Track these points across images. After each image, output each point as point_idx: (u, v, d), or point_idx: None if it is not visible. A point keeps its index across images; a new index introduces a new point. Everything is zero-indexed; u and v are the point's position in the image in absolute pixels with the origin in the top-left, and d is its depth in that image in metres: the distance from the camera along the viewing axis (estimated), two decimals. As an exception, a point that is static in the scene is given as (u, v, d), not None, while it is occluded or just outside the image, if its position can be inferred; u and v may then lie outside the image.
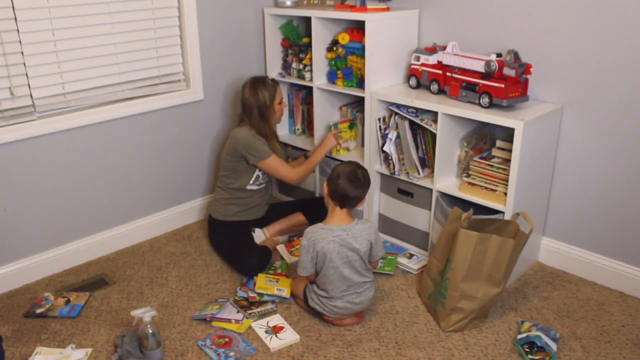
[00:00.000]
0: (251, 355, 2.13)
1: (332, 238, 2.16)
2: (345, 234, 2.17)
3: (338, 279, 2.19)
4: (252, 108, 2.71)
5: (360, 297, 2.24)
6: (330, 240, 2.16)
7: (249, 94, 2.71)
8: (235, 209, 2.81)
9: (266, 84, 2.72)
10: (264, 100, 2.70)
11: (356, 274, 2.21)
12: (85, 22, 2.57)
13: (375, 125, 2.78)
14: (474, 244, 2.12)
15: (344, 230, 2.18)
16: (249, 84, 2.74)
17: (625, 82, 2.30)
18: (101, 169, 2.80)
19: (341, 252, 2.16)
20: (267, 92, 2.70)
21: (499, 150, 2.48)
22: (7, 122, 2.44)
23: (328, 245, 2.15)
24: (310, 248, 2.19)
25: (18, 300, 2.52)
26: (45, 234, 2.69)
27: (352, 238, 2.17)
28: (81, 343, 2.22)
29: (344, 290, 2.21)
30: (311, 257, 2.19)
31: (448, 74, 2.59)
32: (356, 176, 2.18)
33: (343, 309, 2.23)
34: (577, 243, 2.62)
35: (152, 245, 3.01)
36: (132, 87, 2.82)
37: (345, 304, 2.22)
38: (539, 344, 2.08)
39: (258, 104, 2.70)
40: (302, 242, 2.22)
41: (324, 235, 2.17)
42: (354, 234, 2.18)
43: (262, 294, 2.45)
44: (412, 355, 2.12)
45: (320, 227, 2.20)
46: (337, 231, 2.17)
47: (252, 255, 2.63)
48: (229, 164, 2.77)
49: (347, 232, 2.18)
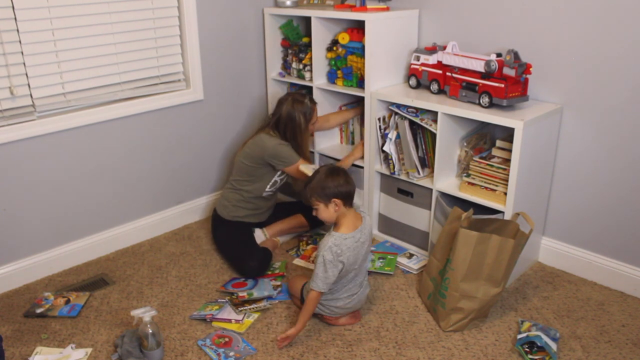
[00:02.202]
0: (251, 355, 2.13)
1: (356, 244, 2.15)
2: (360, 234, 2.18)
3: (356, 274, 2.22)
4: (286, 126, 2.70)
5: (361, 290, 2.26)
6: (354, 247, 2.14)
7: (286, 112, 2.69)
8: (244, 211, 2.81)
9: (304, 106, 2.70)
10: (299, 122, 2.69)
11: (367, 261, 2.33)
12: (85, 22, 2.57)
13: (375, 125, 2.78)
14: (474, 243, 2.12)
15: (360, 232, 2.18)
16: (288, 102, 2.70)
17: (625, 82, 2.30)
18: (101, 169, 2.80)
19: (362, 251, 2.19)
20: (303, 117, 2.69)
21: (499, 150, 2.48)
22: (7, 122, 2.44)
23: (354, 251, 2.14)
24: (337, 262, 2.10)
25: (18, 300, 2.52)
26: (45, 234, 2.69)
27: (368, 235, 2.23)
28: (81, 343, 2.22)
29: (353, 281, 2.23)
30: (337, 270, 2.11)
31: (448, 73, 2.59)
32: (345, 172, 2.20)
33: (343, 308, 2.23)
34: (577, 243, 2.62)
35: (152, 245, 3.01)
36: (132, 87, 2.82)
37: (346, 303, 2.22)
38: (539, 344, 2.08)
39: (293, 124, 2.69)
40: (325, 257, 2.08)
41: (350, 245, 2.13)
42: (368, 231, 2.24)
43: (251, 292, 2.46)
44: (412, 355, 2.12)
45: (344, 238, 2.12)
46: (357, 235, 2.16)
47: (253, 258, 2.63)
48: (247, 168, 2.74)
49: (363, 231, 2.20)
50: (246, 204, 2.80)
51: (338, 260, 2.09)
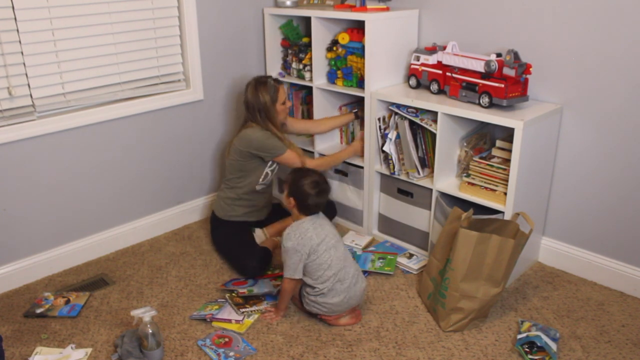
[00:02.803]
0: (251, 355, 2.13)
1: (313, 225, 2.23)
2: (317, 218, 2.28)
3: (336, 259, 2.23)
4: (254, 109, 2.71)
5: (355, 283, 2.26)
6: (314, 228, 2.23)
7: (251, 95, 2.71)
8: (241, 210, 2.81)
9: (267, 85, 2.71)
10: (264, 101, 2.69)
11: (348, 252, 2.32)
12: (85, 22, 2.57)
13: (375, 125, 2.78)
14: (474, 243, 2.12)
15: (316, 215, 2.29)
16: (251, 85, 2.73)
17: (625, 82, 2.30)
18: (101, 169, 2.80)
19: (324, 229, 2.25)
20: (267, 95, 2.69)
21: (498, 150, 2.48)
22: (7, 122, 2.44)
23: (314, 231, 2.22)
24: (299, 247, 2.19)
25: (18, 300, 2.52)
26: (45, 234, 2.69)
27: (324, 218, 2.32)
28: (81, 343, 2.22)
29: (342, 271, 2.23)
30: (301, 254, 2.20)
31: (448, 74, 2.59)
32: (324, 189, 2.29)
33: (340, 305, 2.23)
34: (577, 243, 2.62)
35: (152, 245, 3.01)
36: (132, 87, 2.82)
37: (342, 299, 2.22)
38: (539, 344, 2.08)
39: (259, 105, 2.69)
40: (285, 245, 2.22)
41: (307, 227, 2.22)
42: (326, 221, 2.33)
43: (251, 289, 2.46)
44: (412, 355, 2.12)
45: (299, 223, 2.24)
46: (313, 218, 2.26)
47: (253, 257, 2.62)
48: (237, 164, 2.75)
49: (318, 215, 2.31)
50: (242, 202, 2.80)
51: (301, 245, 2.18)
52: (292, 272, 2.21)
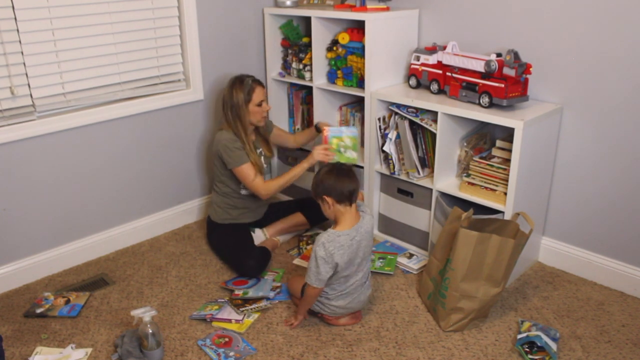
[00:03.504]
0: (251, 355, 2.13)
1: (350, 242, 2.13)
2: (360, 234, 2.17)
3: (356, 272, 2.20)
4: (227, 107, 2.65)
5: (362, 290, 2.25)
6: (349, 245, 2.12)
7: (226, 92, 2.66)
8: (232, 212, 2.81)
9: (244, 84, 2.62)
10: (237, 100, 2.61)
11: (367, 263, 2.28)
12: (85, 22, 2.57)
13: (375, 125, 2.78)
14: (474, 243, 2.12)
15: (357, 229, 2.16)
16: (230, 82, 2.67)
17: (625, 82, 2.30)
18: (101, 169, 2.80)
19: (359, 249, 2.17)
20: (241, 93, 2.61)
21: (498, 150, 2.48)
22: (7, 122, 2.44)
23: (349, 249, 2.12)
24: (329, 259, 2.10)
25: (18, 300, 2.52)
26: (45, 234, 2.69)
27: (365, 233, 2.19)
28: (81, 343, 2.22)
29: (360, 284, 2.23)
30: (330, 267, 2.11)
31: (448, 73, 2.59)
32: (341, 170, 2.20)
33: (344, 308, 2.23)
34: (577, 243, 2.62)
35: (152, 245, 3.01)
36: (132, 87, 2.82)
37: (347, 302, 2.22)
38: (539, 344, 2.08)
39: (232, 103, 2.62)
40: (317, 252, 2.10)
41: (343, 242, 2.11)
42: (366, 229, 2.20)
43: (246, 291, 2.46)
44: (412, 355, 2.12)
45: (337, 235, 2.12)
46: (352, 233, 2.15)
47: (251, 257, 2.62)
48: (217, 169, 2.75)
49: (359, 229, 2.17)
50: (232, 205, 2.79)
51: (331, 258, 2.09)
52: (318, 282, 2.12)
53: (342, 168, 2.23)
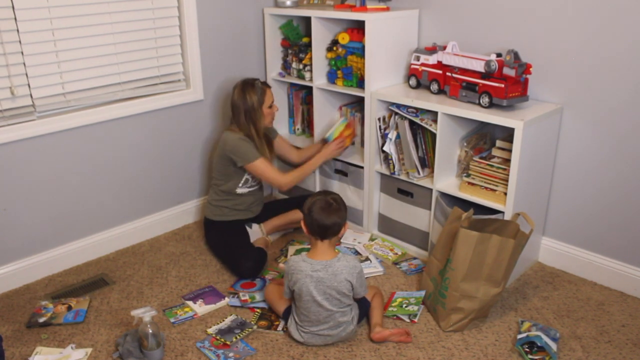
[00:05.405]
0: (251, 355, 2.13)
1: (311, 273, 2.06)
2: (324, 271, 2.06)
3: (316, 310, 2.09)
4: (239, 111, 2.68)
5: (338, 332, 2.14)
6: (307, 274, 2.06)
7: (237, 96, 2.68)
8: (229, 210, 2.81)
9: (255, 87, 2.67)
10: (251, 103, 2.66)
11: (336, 305, 2.10)
12: (85, 22, 2.57)
13: (375, 125, 2.78)
14: (474, 244, 2.12)
15: (325, 267, 2.07)
16: (238, 86, 2.70)
17: (625, 82, 2.30)
18: (101, 169, 2.80)
19: (318, 287, 2.06)
20: (255, 96, 2.66)
21: (498, 150, 2.48)
22: (7, 122, 2.44)
23: (305, 279, 2.06)
24: (289, 276, 2.12)
25: (18, 300, 2.52)
26: (45, 234, 2.69)
27: (331, 275, 2.06)
28: (81, 343, 2.21)
29: (324, 320, 2.11)
30: (288, 284, 2.14)
31: (448, 74, 2.59)
32: (328, 203, 2.10)
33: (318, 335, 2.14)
34: (577, 243, 2.62)
35: (152, 245, 3.01)
36: (132, 87, 2.82)
37: (323, 337, 2.14)
38: (539, 344, 2.08)
39: (245, 107, 2.66)
40: (284, 267, 2.17)
41: (302, 268, 2.07)
42: (334, 271, 2.06)
43: (253, 296, 2.45)
44: (412, 355, 2.12)
45: (302, 259, 2.10)
46: (317, 266, 2.07)
47: (248, 258, 2.61)
48: (219, 167, 2.76)
49: (327, 269, 2.06)
50: (228, 203, 2.80)
51: (290, 277, 2.11)
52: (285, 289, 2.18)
53: (331, 202, 2.11)
